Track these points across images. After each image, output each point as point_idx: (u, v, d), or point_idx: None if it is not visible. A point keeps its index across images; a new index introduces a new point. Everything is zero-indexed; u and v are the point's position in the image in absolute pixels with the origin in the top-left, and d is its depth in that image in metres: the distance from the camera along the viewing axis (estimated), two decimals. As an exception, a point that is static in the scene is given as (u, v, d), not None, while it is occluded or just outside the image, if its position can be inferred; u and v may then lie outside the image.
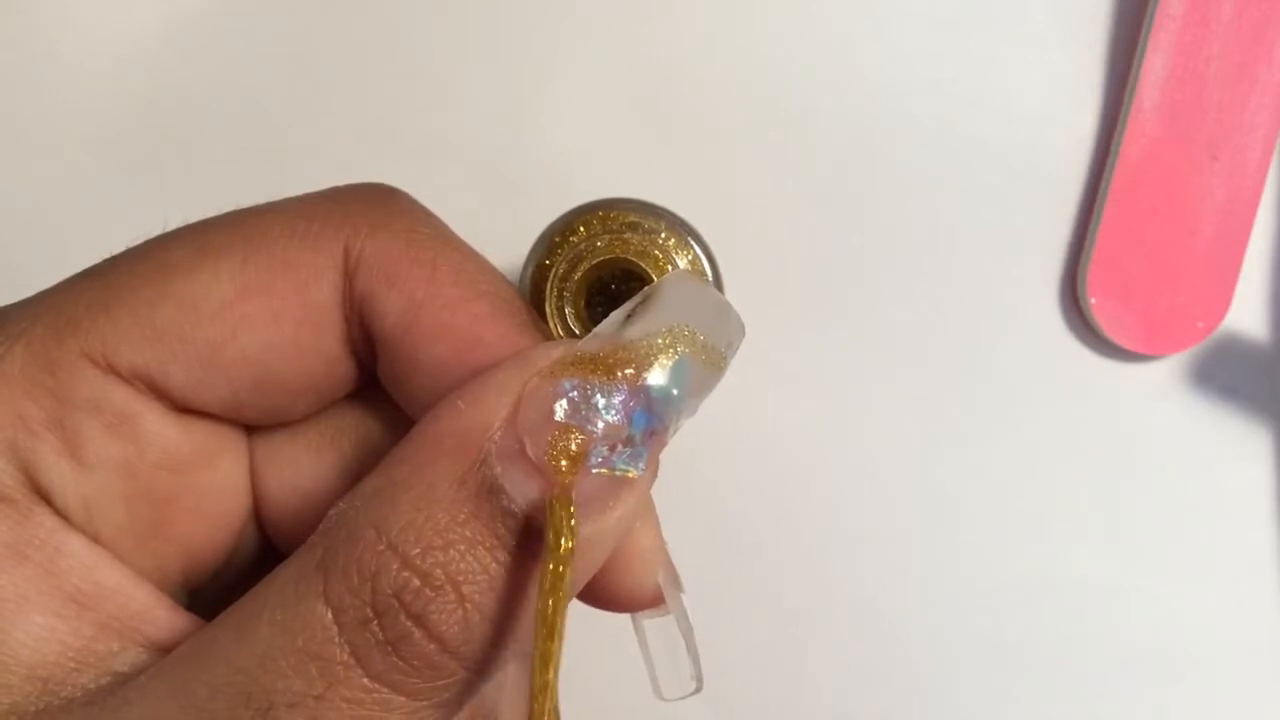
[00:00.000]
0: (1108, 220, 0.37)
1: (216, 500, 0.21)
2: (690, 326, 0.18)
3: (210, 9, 0.38)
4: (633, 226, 0.30)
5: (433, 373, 0.19)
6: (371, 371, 0.21)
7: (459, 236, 0.21)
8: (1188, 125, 0.37)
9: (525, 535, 0.17)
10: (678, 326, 0.18)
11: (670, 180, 0.38)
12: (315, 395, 0.20)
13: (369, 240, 0.19)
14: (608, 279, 0.29)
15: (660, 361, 0.17)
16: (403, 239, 0.20)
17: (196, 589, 0.21)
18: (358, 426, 0.21)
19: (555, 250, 0.29)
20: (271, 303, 0.19)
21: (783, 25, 0.38)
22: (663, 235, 0.30)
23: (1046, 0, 0.39)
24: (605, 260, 0.29)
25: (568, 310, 0.29)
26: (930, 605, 0.38)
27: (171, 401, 0.19)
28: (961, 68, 0.38)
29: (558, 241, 0.30)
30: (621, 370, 0.17)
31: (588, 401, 0.17)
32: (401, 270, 0.19)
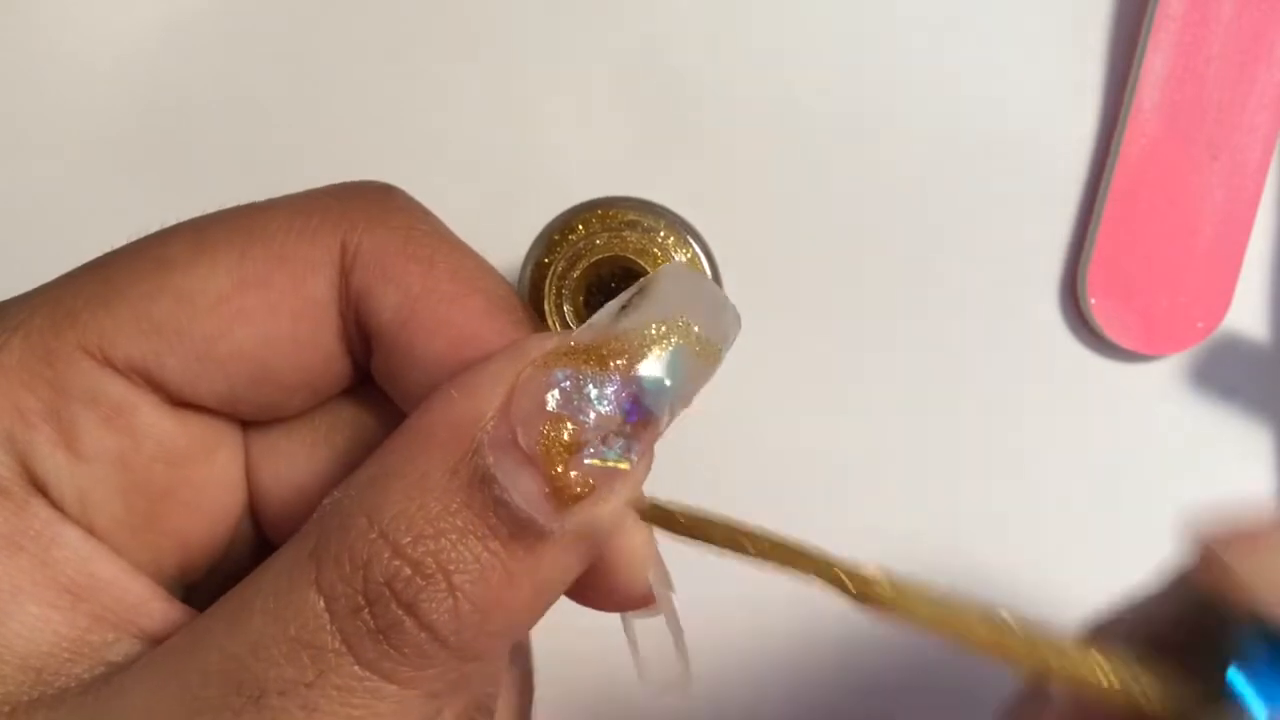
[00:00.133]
0: (1108, 220, 0.37)
1: (212, 494, 0.21)
2: (685, 318, 0.18)
3: (210, 9, 0.38)
4: (631, 224, 0.30)
5: (427, 368, 0.19)
6: (366, 368, 0.21)
7: (456, 234, 0.21)
8: (1188, 125, 0.37)
9: (517, 525, 0.17)
10: (672, 317, 0.18)
11: (669, 179, 0.38)
12: (310, 391, 0.21)
13: (366, 236, 0.19)
14: (607, 277, 0.29)
15: (654, 352, 0.17)
16: (400, 235, 0.20)
17: (192, 583, 0.21)
18: (352, 423, 0.21)
19: (554, 248, 0.30)
20: (268, 296, 0.19)
21: (782, 25, 0.38)
22: (661, 233, 0.30)
23: (1046, 1, 0.39)
24: (604, 258, 0.29)
25: (566, 308, 0.29)
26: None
27: (168, 395, 0.19)
28: (961, 68, 0.38)
29: (557, 239, 0.30)
30: (614, 360, 0.17)
31: (580, 391, 0.17)
32: (398, 266, 0.19)
